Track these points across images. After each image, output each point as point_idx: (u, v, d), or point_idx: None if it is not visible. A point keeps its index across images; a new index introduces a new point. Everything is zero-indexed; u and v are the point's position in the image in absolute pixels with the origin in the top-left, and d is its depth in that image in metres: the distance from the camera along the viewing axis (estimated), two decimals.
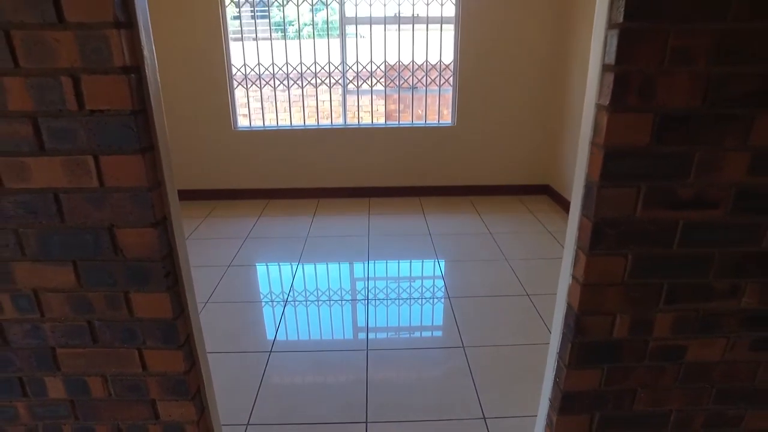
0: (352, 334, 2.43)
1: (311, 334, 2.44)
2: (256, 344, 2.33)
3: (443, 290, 2.83)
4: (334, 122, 4.44)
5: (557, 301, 1.32)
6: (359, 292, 2.83)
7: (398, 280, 3.03)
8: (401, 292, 2.83)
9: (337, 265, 3.22)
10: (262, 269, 3.23)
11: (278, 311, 2.62)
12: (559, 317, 1.31)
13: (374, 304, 2.68)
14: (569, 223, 1.23)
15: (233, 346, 2.30)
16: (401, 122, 4.43)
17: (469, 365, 2.11)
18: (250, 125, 4.41)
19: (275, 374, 2.10)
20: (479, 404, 1.88)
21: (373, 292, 2.81)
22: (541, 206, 4.23)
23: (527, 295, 2.72)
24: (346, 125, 4.39)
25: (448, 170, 4.48)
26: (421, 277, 3.10)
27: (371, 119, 4.50)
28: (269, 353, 2.24)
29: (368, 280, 2.98)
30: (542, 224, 3.82)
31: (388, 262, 3.24)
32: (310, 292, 2.84)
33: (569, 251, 1.23)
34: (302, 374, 2.11)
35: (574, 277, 1.22)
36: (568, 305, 1.26)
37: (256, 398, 1.94)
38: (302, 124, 4.42)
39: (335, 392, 1.98)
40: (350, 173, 4.47)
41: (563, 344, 1.29)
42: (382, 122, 4.49)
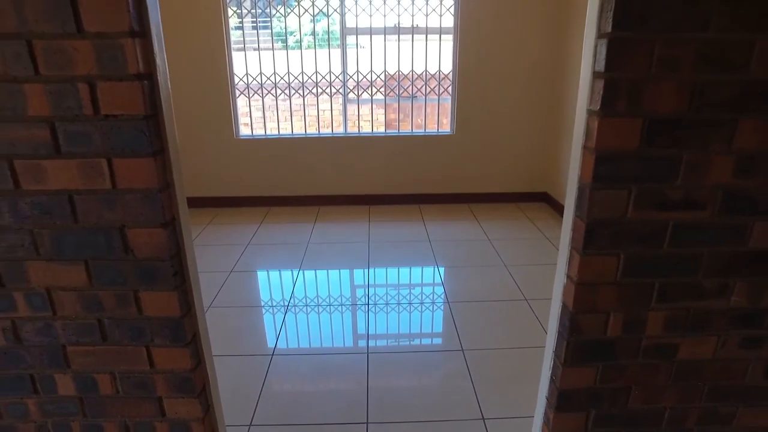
0: (352, 337, 2.46)
1: (313, 337, 2.47)
2: (258, 348, 2.37)
3: (443, 295, 2.86)
4: (334, 131, 4.51)
5: (553, 300, 1.36)
6: (360, 297, 2.87)
7: (398, 285, 3.07)
8: (401, 297, 2.87)
9: (337, 271, 3.26)
10: (263, 275, 3.27)
11: (280, 316, 2.66)
12: (554, 316, 1.35)
13: (374, 308, 2.71)
14: (563, 224, 1.28)
15: (236, 349, 2.33)
16: (401, 131, 4.49)
17: (468, 368, 2.15)
18: (252, 134, 4.47)
19: (277, 376, 2.13)
20: (478, 405, 1.91)
21: (373, 297, 2.85)
22: (539, 213, 4.28)
23: (525, 299, 2.76)
24: (346, 134, 4.46)
25: (447, 178, 4.53)
26: (420, 282, 3.13)
27: (371, 128, 4.56)
28: (271, 356, 2.28)
29: (368, 285, 3.02)
30: (540, 231, 3.86)
31: (388, 268, 3.28)
32: (311, 297, 2.88)
33: (564, 252, 1.27)
34: (304, 376, 2.15)
35: (568, 276, 1.26)
36: (563, 304, 1.30)
37: (258, 399, 1.97)
38: (303, 132, 4.48)
39: (337, 393, 2.01)
40: (351, 181, 4.53)
41: (559, 343, 1.33)
42: (382, 131, 4.55)
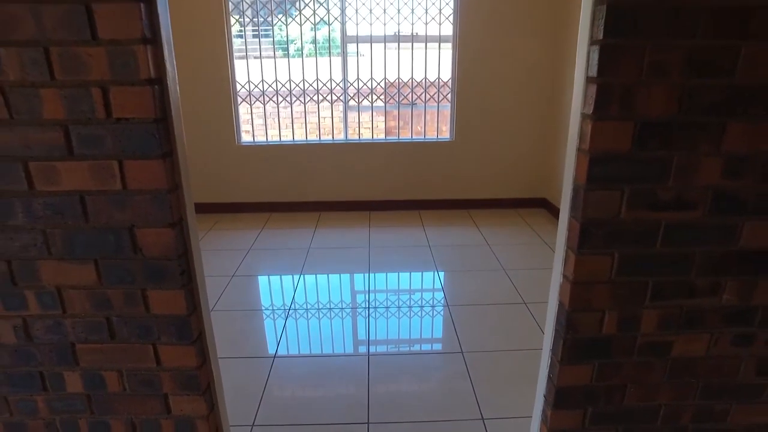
0: (353, 340, 2.49)
1: (314, 340, 2.50)
2: (260, 350, 2.39)
3: (442, 299, 2.89)
4: (335, 137, 4.56)
5: (549, 300, 1.39)
6: (360, 301, 2.90)
7: (398, 289, 3.10)
8: (402, 301, 2.90)
9: (338, 276, 3.29)
10: (265, 279, 3.30)
11: (281, 319, 2.68)
12: (551, 315, 1.38)
13: (375, 312, 2.74)
14: (559, 225, 1.31)
15: (238, 352, 2.36)
16: (401, 137, 4.54)
17: (467, 369, 2.17)
18: (253, 140, 4.52)
19: (279, 378, 2.16)
20: (478, 406, 1.94)
21: (374, 301, 2.88)
22: (538, 219, 4.32)
23: (524, 303, 2.79)
24: (347, 140, 4.51)
25: (447, 184, 4.58)
26: (420, 286, 3.17)
27: (372, 135, 4.61)
28: (273, 358, 2.30)
29: (369, 289, 3.05)
30: (539, 236, 3.90)
31: (388, 273, 3.31)
32: (312, 301, 2.91)
33: (560, 251, 1.31)
34: (305, 378, 2.17)
35: (564, 275, 1.29)
36: (559, 303, 1.33)
37: (260, 401, 2.00)
38: (304, 139, 4.53)
39: (338, 395, 2.04)
40: (351, 187, 4.57)
41: (556, 341, 1.36)
42: (382, 137, 4.60)
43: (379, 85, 4.36)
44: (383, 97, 4.42)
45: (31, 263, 1.19)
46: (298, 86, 4.33)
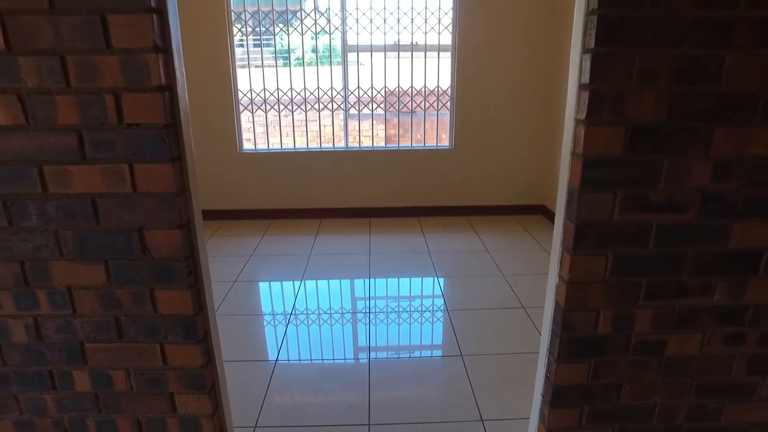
0: (354, 344, 2.52)
1: (316, 344, 2.53)
2: (262, 354, 2.42)
3: (442, 304, 2.93)
4: (336, 145, 4.61)
5: (546, 300, 1.43)
6: (361, 306, 2.93)
7: (399, 294, 3.13)
8: (402, 305, 2.93)
9: (339, 281, 3.33)
10: (266, 285, 3.33)
11: (283, 323, 2.71)
12: (548, 315, 1.42)
13: (376, 316, 2.77)
14: (555, 226, 1.35)
15: (241, 355, 2.39)
16: (401, 145, 4.60)
17: (467, 372, 2.20)
18: (255, 148, 4.58)
19: (281, 381, 2.19)
20: (477, 407, 1.97)
21: (374, 306, 2.91)
22: (536, 225, 4.36)
23: (523, 307, 2.82)
24: (347, 148, 4.56)
25: (446, 191, 4.62)
26: (420, 291, 3.20)
27: (372, 142, 4.66)
28: (275, 362, 2.33)
29: (370, 294, 3.08)
30: (537, 242, 3.94)
31: (388, 279, 3.35)
32: (313, 305, 2.94)
33: (556, 253, 1.35)
34: (307, 381, 2.20)
35: (560, 276, 1.33)
36: (556, 303, 1.37)
37: (263, 403, 2.03)
38: (305, 147, 4.58)
39: (339, 397, 2.07)
40: (351, 194, 4.61)
41: (552, 340, 1.40)
42: (382, 145, 4.66)
43: (379, 93, 4.42)
44: (383, 105, 4.48)
45: (43, 264, 1.23)
46: (299, 95, 4.40)
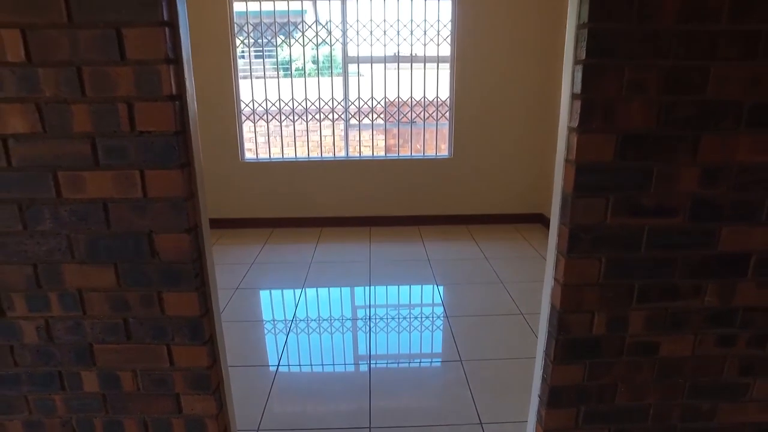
0: (355, 349, 2.55)
1: (317, 350, 2.56)
2: (264, 359, 2.45)
3: (442, 311, 2.96)
4: (336, 155, 4.67)
5: (542, 303, 1.47)
6: (362, 313, 2.96)
7: (399, 301, 3.17)
8: (402, 312, 2.97)
9: (339, 289, 3.36)
10: (268, 292, 3.37)
11: (285, 330, 2.75)
12: (544, 318, 1.46)
13: (376, 323, 2.80)
14: (550, 231, 1.40)
15: (243, 360, 2.42)
16: (401, 155, 4.66)
17: (466, 377, 2.23)
18: (256, 157, 4.63)
19: (283, 385, 2.21)
20: (476, 411, 2.00)
21: (375, 313, 2.95)
22: (535, 233, 4.40)
23: (521, 314, 2.85)
24: (348, 158, 4.62)
25: (445, 200, 4.67)
26: (420, 298, 3.24)
27: (372, 152, 4.72)
28: (277, 366, 2.36)
29: (370, 301, 3.12)
30: (536, 250, 3.98)
31: (388, 286, 3.38)
32: (314, 312, 2.97)
33: (551, 256, 1.39)
34: (309, 385, 2.23)
35: (555, 279, 1.37)
36: (551, 305, 1.41)
37: (265, 407, 2.05)
38: (306, 156, 4.64)
39: (340, 401, 2.10)
40: (352, 203, 4.66)
41: (549, 342, 1.44)
42: (382, 155, 4.72)
43: (379, 104, 4.49)
44: (383, 115, 4.55)
45: (55, 266, 1.27)
46: (300, 105, 4.46)
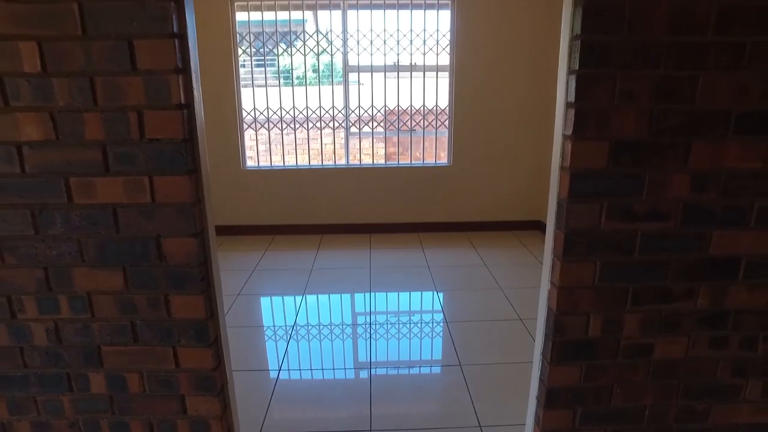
0: (356, 355, 2.58)
1: (318, 356, 2.59)
2: (266, 364, 2.48)
3: (441, 316, 2.99)
4: (337, 163, 4.72)
5: (539, 306, 1.51)
6: (362, 318, 2.99)
7: (399, 307, 3.20)
8: (402, 318, 3.00)
9: (340, 295, 3.39)
10: (270, 298, 3.40)
11: (286, 335, 2.77)
12: (541, 320, 1.49)
13: (376, 328, 2.83)
14: (546, 236, 1.44)
15: (245, 365, 2.44)
16: (400, 163, 4.71)
17: (465, 381, 2.26)
18: (258, 165, 4.68)
19: (285, 390, 2.24)
20: (475, 414, 2.02)
21: (375, 318, 2.98)
22: (533, 240, 4.44)
23: (520, 319, 2.88)
24: (348, 166, 4.67)
25: (445, 207, 4.72)
26: (420, 304, 3.27)
27: (372, 160, 4.77)
28: (278, 372, 2.39)
29: (371, 307, 3.15)
30: (534, 256, 4.01)
31: (388, 292, 3.41)
32: (315, 318, 3.00)
33: (548, 260, 1.43)
34: (310, 390, 2.26)
35: (552, 282, 1.41)
36: (548, 308, 1.44)
37: (267, 411, 2.08)
38: (307, 164, 4.69)
39: (341, 405, 2.12)
40: (352, 210, 4.70)
41: (545, 344, 1.47)
42: (382, 163, 4.76)
43: (379, 112, 4.55)
44: (383, 124, 4.60)
45: (65, 270, 1.31)
46: (301, 113, 4.52)
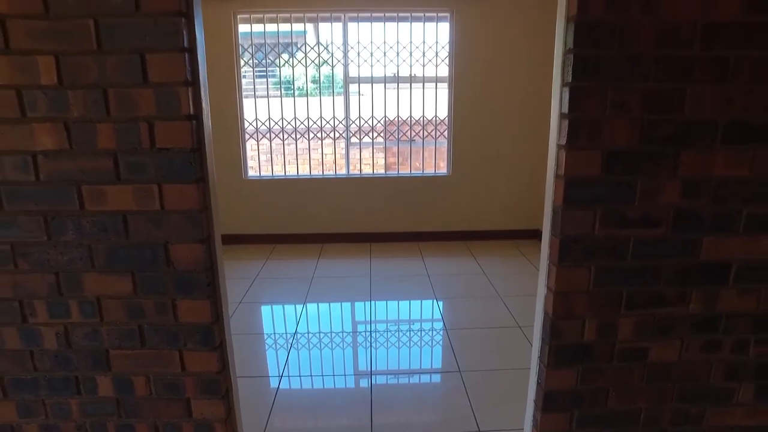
0: (356, 362, 2.61)
1: (319, 363, 2.61)
2: (268, 371, 2.51)
3: (441, 324, 3.02)
4: (337, 173, 4.77)
5: (536, 311, 1.55)
6: (362, 326, 3.02)
7: (399, 315, 3.23)
8: (402, 325, 3.03)
9: (340, 304, 3.42)
10: (271, 306, 3.43)
11: (287, 343, 2.80)
12: (538, 325, 1.53)
13: (377, 336, 2.86)
14: (542, 242, 1.48)
15: (247, 371, 2.47)
16: (400, 173, 4.76)
17: (465, 387, 2.29)
18: (259, 175, 4.73)
19: (286, 396, 2.27)
20: (475, 419, 2.05)
21: (375, 326, 3.00)
22: (532, 248, 4.48)
23: (519, 327, 2.91)
24: (348, 175, 4.72)
25: (444, 217, 4.76)
26: (420, 312, 3.30)
27: (372, 170, 4.83)
28: (279, 379, 2.41)
29: (371, 316, 3.18)
30: (533, 265, 4.05)
31: (389, 301, 3.44)
32: (316, 326, 3.03)
33: (544, 266, 1.47)
34: (311, 397, 2.28)
35: (548, 287, 1.45)
36: (545, 312, 1.48)
37: (268, 419, 2.10)
38: (308, 174, 4.74)
39: (343, 410, 2.15)
40: (352, 220, 4.75)
41: (542, 348, 1.50)
42: (382, 172, 4.82)
43: (379, 122, 4.61)
44: (383, 134, 4.66)
45: (76, 275, 1.35)
46: (302, 123, 4.58)
